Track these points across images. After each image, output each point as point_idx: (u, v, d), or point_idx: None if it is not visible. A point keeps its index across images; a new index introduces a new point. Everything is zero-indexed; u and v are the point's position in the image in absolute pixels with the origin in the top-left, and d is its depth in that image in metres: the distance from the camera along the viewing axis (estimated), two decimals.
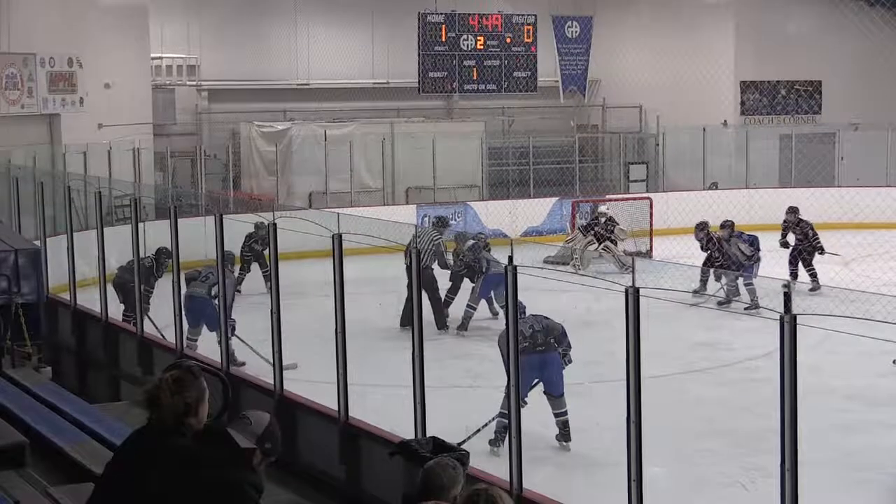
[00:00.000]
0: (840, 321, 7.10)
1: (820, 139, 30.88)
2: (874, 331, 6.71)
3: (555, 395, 12.11)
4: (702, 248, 20.06)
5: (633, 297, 7.83)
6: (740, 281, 19.01)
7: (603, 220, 24.01)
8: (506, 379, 11.33)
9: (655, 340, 10.83)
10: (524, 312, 12.23)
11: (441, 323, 17.98)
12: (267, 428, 5.41)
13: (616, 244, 23.52)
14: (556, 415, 12.14)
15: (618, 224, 24.06)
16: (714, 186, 29.87)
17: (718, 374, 14.79)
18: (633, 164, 31.93)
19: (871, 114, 30.35)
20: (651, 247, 24.73)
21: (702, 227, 20.21)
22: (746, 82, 32.89)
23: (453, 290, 18.36)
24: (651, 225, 25.38)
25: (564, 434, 12.11)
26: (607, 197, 27.85)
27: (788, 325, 6.90)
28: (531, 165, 30.00)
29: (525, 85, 32.02)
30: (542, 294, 12.54)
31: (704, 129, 30.50)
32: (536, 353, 11.99)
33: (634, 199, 26.97)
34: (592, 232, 23.84)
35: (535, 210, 27.04)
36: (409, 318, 16.26)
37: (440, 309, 18.05)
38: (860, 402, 13.40)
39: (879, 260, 18.24)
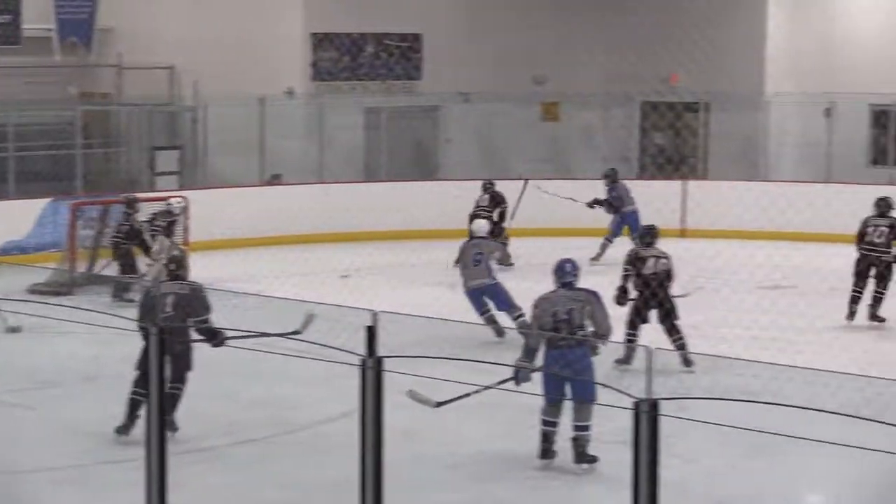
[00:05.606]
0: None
1: (420, 114, 28.20)
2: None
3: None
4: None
5: (156, 339, 8.41)
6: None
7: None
8: None
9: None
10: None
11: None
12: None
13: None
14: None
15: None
16: (276, 179, 26.45)
17: (279, 444, 12.96)
18: (160, 149, 27.87)
19: (482, 79, 27.24)
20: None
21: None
22: (320, 35, 28.25)
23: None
24: (186, 235, 20.65)
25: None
26: (123, 196, 22.05)
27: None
28: (11, 152, 25.38)
29: (3, 35, 27.92)
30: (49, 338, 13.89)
31: (262, 101, 26.53)
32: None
33: (163, 198, 22.07)
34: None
35: (17, 216, 22.83)
36: None
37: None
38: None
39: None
